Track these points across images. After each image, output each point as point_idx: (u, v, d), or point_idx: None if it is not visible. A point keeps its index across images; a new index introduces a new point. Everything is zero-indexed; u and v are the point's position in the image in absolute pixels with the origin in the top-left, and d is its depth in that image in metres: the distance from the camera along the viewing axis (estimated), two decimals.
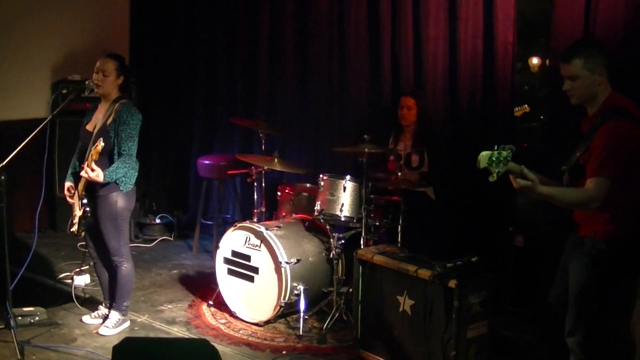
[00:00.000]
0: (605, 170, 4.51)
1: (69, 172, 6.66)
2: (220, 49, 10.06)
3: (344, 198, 6.91)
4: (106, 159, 6.32)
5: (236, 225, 7.14)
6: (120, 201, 6.42)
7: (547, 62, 8.06)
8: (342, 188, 6.92)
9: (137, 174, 6.51)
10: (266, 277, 6.85)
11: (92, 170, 6.07)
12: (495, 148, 4.31)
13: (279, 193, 7.90)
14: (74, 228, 6.47)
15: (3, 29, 9.38)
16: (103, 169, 6.17)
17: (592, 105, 4.78)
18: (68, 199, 6.60)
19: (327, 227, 7.05)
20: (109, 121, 6.34)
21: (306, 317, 6.88)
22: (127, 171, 6.33)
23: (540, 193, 4.50)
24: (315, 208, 7.05)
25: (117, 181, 6.30)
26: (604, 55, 4.74)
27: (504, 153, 4.30)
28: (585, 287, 4.72)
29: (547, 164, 5.58)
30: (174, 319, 7.12)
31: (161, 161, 10.87)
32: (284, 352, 6.41)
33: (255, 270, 6.93)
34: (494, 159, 4.30)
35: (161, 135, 10.84)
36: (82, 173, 6.21)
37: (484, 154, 4.37)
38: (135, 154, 6.42)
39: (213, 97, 10.25)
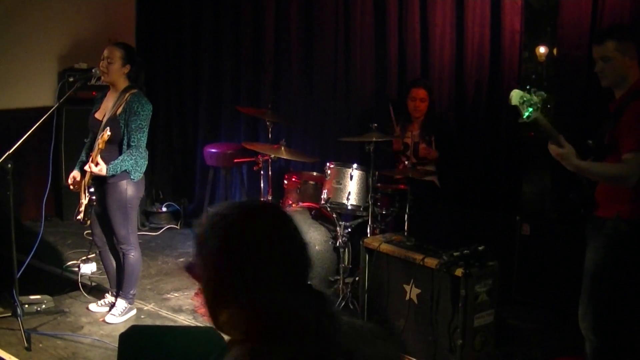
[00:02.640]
0: None
1: (78, 161, 6.66)
2: (226, 36, 10.04)
3: (351, 186, 6.90)
4: (116, 149, 6.33)
5: None
6: (130, 189, 6.43)
7: (554, 51, 8.04)
8: (349, 176, 6.91)
9: (147, 162, 6.52)
10: None
11: (96, 164, 6.09)
12: (528, 88, 4.34)
13: (285, 181, 7.89)
14: (80, 216, 6.47)
15: (9, 17, 9.37)
16: (112, 159, 6.19)
17: (621, 88, 4.81)
18: (70, 186, 6.61)
19: (334, 215, 7.04)
20: (119, 111, 6.33)
21: None
22: (135, 161, 6.33)
23: (576, 165, 4.57)
24: (322, 196, 7.03)
25: (127, 170, 6.31)
26: (634, 40, 4.80)
27: (535, 98, 4.33)
28: (601, 268, 4.70)
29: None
30: (180, 307, 7.13)
31: (167, 149, 10.87)
32: None
33: None
34: (525, 98, 4.33)
35: (167, 123, 10.83)
36: (86, 168, 6.23)
37: (516, 91, 4.40)
38: (144, 145, 6.42)
39: (218, 85, 10.23)
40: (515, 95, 4.38)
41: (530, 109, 4.32)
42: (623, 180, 4.57)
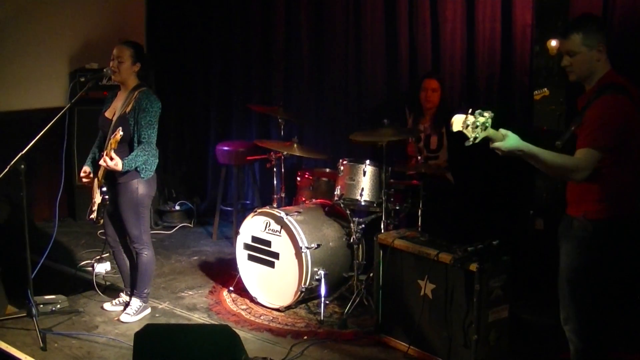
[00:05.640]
0: (596, 141, 4.38)
1: (88, 158, 6.68)
2: (236, 34, 10.05)
3: (364, 182, 6.89)
4: (126, 147, 6.33)
5: (256, 211, 7.14)
6: (141, 188, 6.43)
7: None
8: (362, 172, 6.90)
9: (157, 161, 6.52)
10: (287, 262, 6.85)
11: (111, 159, 6.09)
12: (470, 112, 4.24)
13: (298, 178, 7.89)
14: (93, 215, 6.49)
15: (21, 18, 9.39)
16: (122, 157, 6.18)
17: (590, 82, 4.66)
18: (83, 179, 6.62)
19: (347, 211, 7.03)
20: (129, 109, 6.34)
21: (327, 302, 6.89)
22: (147, 158, 6.34)
23: (523, 149, 4.39)
24: (335, 193, 7.03)
25: (138, 168, 6.32)
26: (603, 31, 4.63)
27: (481, 119, 4.22)
28: (576, 271, 4.62)
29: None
30: (194, 305, 7.14)
31: (178, 148, 10.90)
32: (305, 337, 6.42)
33: (276, 255, 6.93)
34: (469, 123, 4.22)
35: (178, 122, 10.86)
36: (101, 162, 6.24)
37: (457, 117, 4.29)
38: (155, 142, 6.42)
39: (229, 83, 10.25)
40: (456, 122, 4.29)
41: (477, 132, 4.23)
42: (571, 174, 4.42)
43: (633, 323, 6.21)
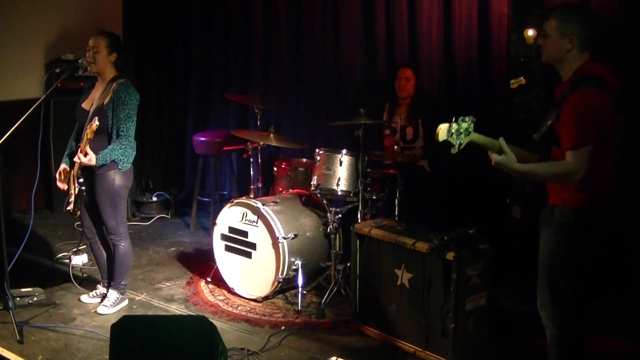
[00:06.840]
0: (582, 140, 4.40)
1: (66, 153, 6.65)
2: (215, 24, 10.03)
3: (341, 172, 6.90)
4: (105, 138, 6.30)
5: (233, 202, 7.13)
6: (118, 179, 6.40)
7: None
8: (339, 162, 6.90)
9: (135, 153, 6.49)
10: (264, 252, 6.84)
11: (85, 154, 6.06)
12: (454, 120, 4.29)
13: (275, 168, 7.89)
14: (70, 207, 6.46)
15: None
16: (101, 148, 6.17)
17: (564, 72, 4.71)
18: (58, 182, 6.58)
19: (324, 201, 7.04)
20: (107, 100, 6.31)
21: (304, 292, 6.89)
22: (124, 151, 6.30)
23: (519, 170, 4.44)
24: (312, 183, 7.03)
25: (116, 160, 6.29)
26: (581, 26, 4.62)
27: (464, 125, 4.28)
28: (553, 256, 4.69)
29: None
30: (172, 296, 7.13)
31: (156, 138, 10.88)
32: (283, 327, 6.42)
33: (253, 246, 6.92)
34: (453, 131, 4.28)
35: (156, 112, 10.83)
36: (75, 159, 6.21)
37: (442, 126, 4.36)
38: (133, 134, 6.40)
39: (207, 72, 10.23)
40: (442, 132, 4.35)
41: (460, 139, 4.28)
42: (568, 178, 4.46)
43: (608, 309, 6.25)
